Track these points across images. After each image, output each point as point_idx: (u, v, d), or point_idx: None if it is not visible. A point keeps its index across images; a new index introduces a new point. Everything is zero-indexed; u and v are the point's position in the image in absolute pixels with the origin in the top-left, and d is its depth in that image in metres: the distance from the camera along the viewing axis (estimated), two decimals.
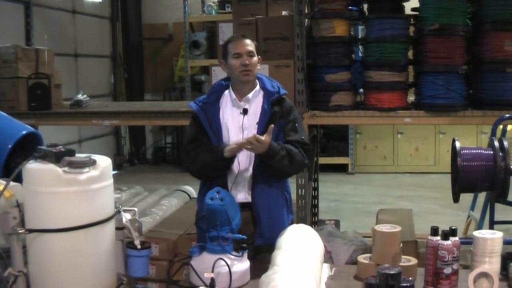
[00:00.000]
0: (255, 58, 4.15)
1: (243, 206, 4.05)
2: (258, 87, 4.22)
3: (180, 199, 7.29)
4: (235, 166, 4.11)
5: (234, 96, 4.19)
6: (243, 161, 4.12)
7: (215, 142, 4.11)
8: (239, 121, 4.13)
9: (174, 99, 14.27)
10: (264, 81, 4.26)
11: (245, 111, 4.14)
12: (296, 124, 4.22)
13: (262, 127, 4.08)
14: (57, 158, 2.57)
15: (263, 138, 3.87)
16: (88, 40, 13.58)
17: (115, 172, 13.49)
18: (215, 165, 4.07)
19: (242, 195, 4.13)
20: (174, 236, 5.87)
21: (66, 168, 2.54)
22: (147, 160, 15.44)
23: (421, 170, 12.94)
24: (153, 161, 15.31)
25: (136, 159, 15.36)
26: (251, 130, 4.10)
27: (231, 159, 4.04)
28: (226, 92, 4.25)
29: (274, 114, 4.12)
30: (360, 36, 7.00)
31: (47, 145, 2.67)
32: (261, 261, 3.73)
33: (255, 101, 4.19)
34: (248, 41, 4.17)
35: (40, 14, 11.20)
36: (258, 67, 4.23)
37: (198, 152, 4.12)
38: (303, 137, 4.20)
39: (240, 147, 3.95)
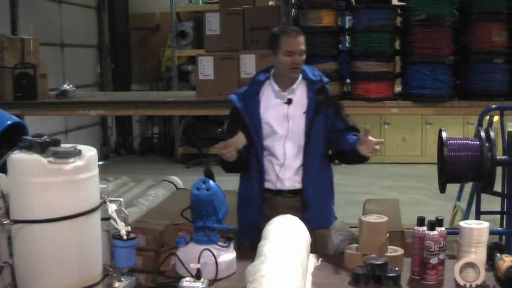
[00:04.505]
0: (305, 55, 4.21)
1: (290, 192, 4.22)
2: (300, 77, 4.26)
3: (166, 190, 7.29)
4: (281, 155, 4.20)
5: (277, 88, 4.24)
6: (290, 151, 4.20)
7: (254, 134, 4.19)
8: (283, 111, 4.19)
9: (161, 89, 14.22)
10: (305, 70, 4.30)
11: (289, 101, 4.20)
12: (345, 111, 4.36)
13: (310, 116, 4.18)
14: (42, 148, 2.55)
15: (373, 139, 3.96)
16: (74, 30, 13.50)
17: (101, 162, 13.46)
18: (232, 167, 4.24)
19: (290, 183, 4.24)
20: (160, 226, 5.86)
21: (51, 158, 2.52)
22: (134, 150, 15.40)
23: (408, 160, 12.97)
24: (140, 152, 15.28)
25: (123, 150, 15.32)
26: (296, 119, 4.18)
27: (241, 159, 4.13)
28: (267, 84, 4.30)
29: (319, 103, 4.20)
30: (347, 26, 6.99)
31: (32, 135, 2.65)
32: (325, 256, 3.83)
33: (299, 90, 4.25)
34: (301, 39, 4.20)
35: (26, 3, 11.09)
36: None
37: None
38: (355, 124, 4.32)
39: (234, 147, 3.98)
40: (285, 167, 4.20)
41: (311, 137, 4.18)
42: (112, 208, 2.93)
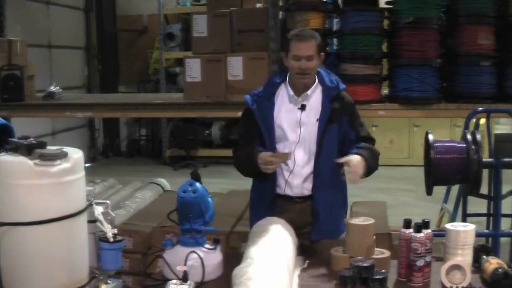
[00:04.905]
0: (315, 61, 4.05)
1: (298, 198, 4.15)
2: (316, 81, 4.17)
3: (154, 192, 7.28)
4: (290, 162, 4.10)
5: (291, 92, 4.13)
6: (300, 158, 4.11)
7: (267, 137, 4.12)
8: (296, 117, 4.10)
9: (149, 91, 14.18)
10: (322, 75, 4.20)
11: (303, 107, 4.10)
12: (361, 120, 4.24)
13: (323, 125, 4.07)
14: (28, 150, 2.55)
15: (355, 161, 3.86)
16: (62, 32, 13.47)
17: (89, 164, 13.44)
18: (253, 171, 4.10)
19: (298, 190, 4.15)
20: (148, 228, 5.85)
21: (37, 161, 2.52)
22: (122, 152, 15.37)
23: (396, 162, 12.96)
24: (127, 154, 15.25)
25: (110, 152, 15.27)
26: (309, 126, 4.09)
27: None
28: (282, 86, 4.21)
29: (333, 111, 4.09)
30: (335, 29, 7.01)
31: (19, 137, 2.65)
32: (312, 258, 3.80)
33: (313, 96, 4.14)
34: (310, 43, 4.04)
35: (14, 4, 11.09)
36: (319, 66, 4.16)
37: (240, 154, 4.15)
38: (369, 133, 4.24)
39: (276, 162, 3.94)
40: (294, 174, 4.11)
41: (323, 146, 4.07)
42: (98, 210, 2.92)
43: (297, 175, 4.12)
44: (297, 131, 4.09)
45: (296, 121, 4.09)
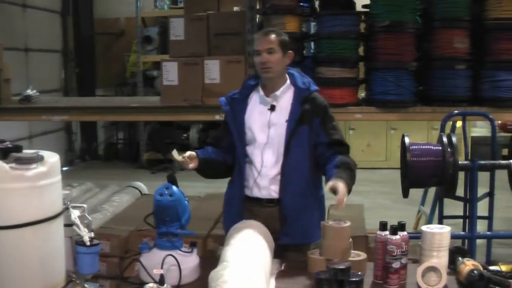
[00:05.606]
0: (276, 55, 4.04)
1: (269, 202, 4.11)
2: (288, 82, 4.16)
3: (131, 195, 7.24)
4: (258, 163, 4.10)
5: (262, 92, 4.15)
6: (268, 159, 4.09)
7: (237, 137, 4.13)
8: (266, 117, 4.09)
9: (126, 94, 14.15)
10: (295, 77, 4.20)
11: (272, 108, 4.09)
12: (334, 123, 4.17)
13: (292, 126, 4.04)
14: (4, 154, 2.55)
15: (341, 192, 3.72)
16: (38, 35, 13.39)
17: (66, 168, 13.38)
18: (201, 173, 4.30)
19: (266, 192, 4.11)
20: (125, 232, 5.83)
21: (13, 164, 2.51)
22: (99, 156, 15.32)
23: (373, 165, 12.99)
24: (105, 157, 15.19)
25: (87, 155, 15.23)
26: (278, 127, 4.07)
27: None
28: (256, 89, 4.21)
29: (304, 112, 4.06)
30: (311, 32, 7.02)
31: None
32: (288, 261, 3.80)
33: (284, 97, 4.13)
34: (271, 37, 4.05)
35: None
36: (286, 63, 4.15)
37: None
38: (343, 138, 4.18)
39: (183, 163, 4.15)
40: (262, 175, 4.08)
41: (290, 147, 4.04)
42: (75, 214, 2.91)
43: (264, 176, 4.09)
44: (266, 132, 4.09)
45: (266, 122, 4.09)
